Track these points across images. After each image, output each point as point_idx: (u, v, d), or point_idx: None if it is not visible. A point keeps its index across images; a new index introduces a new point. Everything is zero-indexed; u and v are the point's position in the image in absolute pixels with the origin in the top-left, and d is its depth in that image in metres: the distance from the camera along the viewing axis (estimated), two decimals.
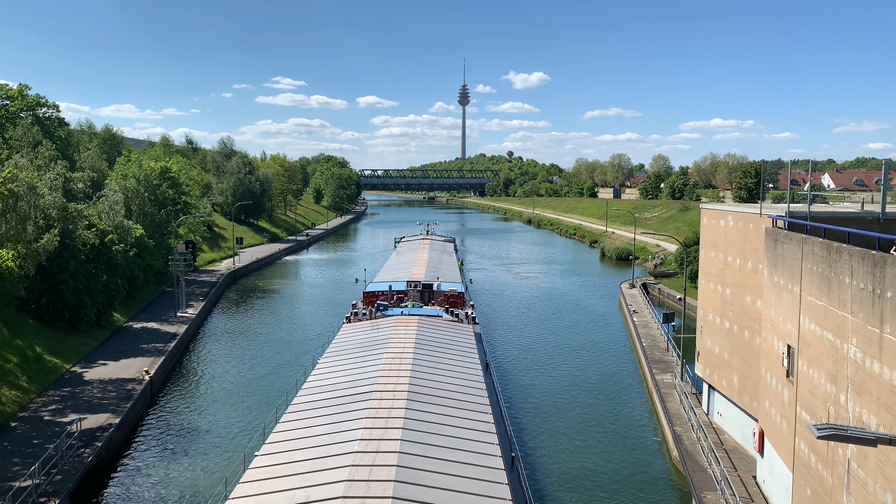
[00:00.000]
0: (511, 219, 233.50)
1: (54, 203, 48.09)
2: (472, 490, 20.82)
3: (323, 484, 20.46)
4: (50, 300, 49.49)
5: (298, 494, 20.04)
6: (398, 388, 29.05)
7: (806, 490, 22.76)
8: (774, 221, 28.43)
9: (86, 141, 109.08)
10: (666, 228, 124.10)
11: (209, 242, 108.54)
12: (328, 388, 30.88)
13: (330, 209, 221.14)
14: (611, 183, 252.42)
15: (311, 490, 20.22)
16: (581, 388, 46.26)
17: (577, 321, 67.73)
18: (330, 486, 20.24)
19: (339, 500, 19.17)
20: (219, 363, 52.17)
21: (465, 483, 21.27)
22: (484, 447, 24.46)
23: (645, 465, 34.28)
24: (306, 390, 31.31)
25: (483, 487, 21.12)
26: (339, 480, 20.44)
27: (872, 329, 18.05)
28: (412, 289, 54.29)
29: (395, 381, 29.99)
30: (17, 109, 74.00)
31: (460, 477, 21.67)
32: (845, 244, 20.19)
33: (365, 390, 29.19)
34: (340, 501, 19.13)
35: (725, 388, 35.43)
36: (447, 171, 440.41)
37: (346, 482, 20.22)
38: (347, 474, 20.77)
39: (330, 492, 19.83)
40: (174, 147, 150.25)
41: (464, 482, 21.32)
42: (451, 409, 27.77)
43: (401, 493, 19.78)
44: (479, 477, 21.85)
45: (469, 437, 25.11)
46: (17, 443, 32.66)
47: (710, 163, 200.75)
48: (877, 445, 14.42)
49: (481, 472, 22.29)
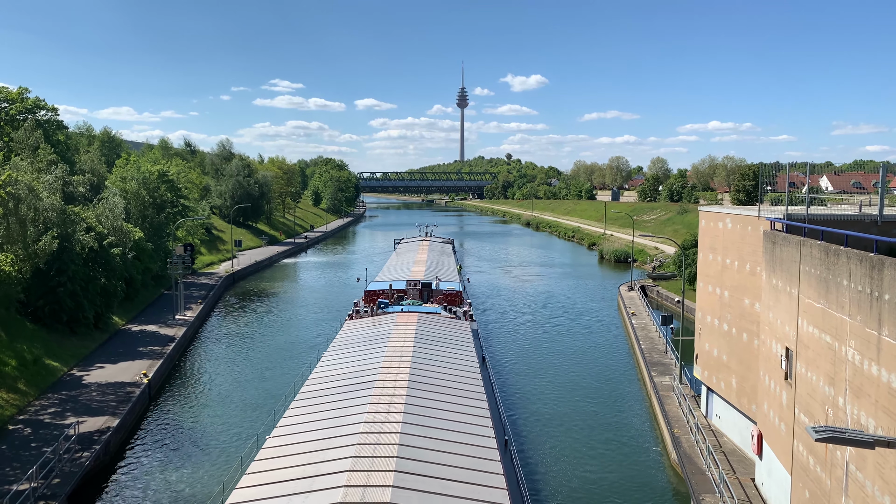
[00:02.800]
0: (510, 221, 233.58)
1: (52, 206, 48.07)
2: (468, 466, 22.61)
3: (331, 460, 22.05)
4: (48, 303, 49.42)
5: (308, 470, 21.58)
6: (399, 378, 30.47)
7: (804, 492, 22.76)
8: (772, 224, 28.46)
9: (84, 143, 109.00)
10: (664, 231, 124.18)
11: (208, 245, 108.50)
12: (334, 377, 32.52)
13: (329, 212, 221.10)
14: (609, 185, 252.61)
15: (320, 465, 21.80)
16: (578, 391, 46.23)
17: (575, 323, 67.74)
18: (338, 461, 21.80)
19: (346, 474, 20.59)
20: (217, 366, 52.10)
21: (461, 460, 23.00)
22: (479, 430, 26.02)
23: (643, 468, 34.26)
24: (313, 380, 32.92)
25: (478, 464, 22.88)
26: (345, 457, 21.99)
27: (870, 331, 18.06)
28: (412, 287, 55.65)
29: (396, 372, 31.46)
30: (17, 112, 74.00)
31: (457, 455, 23.32)
32: (843, 247, 20.21)
33: (368, 379, 30.68)
34: (347, 475, 20.52)
35: (724, 391, 35.43)
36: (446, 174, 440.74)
37: (352, 458, 21.80)
38: (353, 452, 22.34)
39: (338, 466, 21.35)
40: (173, 150, 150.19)
41: (461, 459, 23.03)
42: (448, 397, 29.32)
43: (403, 467, 21.31)
44: (475, 455, 23.56)
45: (465, 422, 26.66)
46: (14, 446, 32.59)
47: (709, 165, 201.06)
48: (875, 448, 14.43)
49: (477, 451, 23.98)
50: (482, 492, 20.80)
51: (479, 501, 20.18)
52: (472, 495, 20.45)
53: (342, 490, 19.56)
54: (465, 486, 21.04)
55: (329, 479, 20.58)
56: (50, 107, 77.33)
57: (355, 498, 19.18)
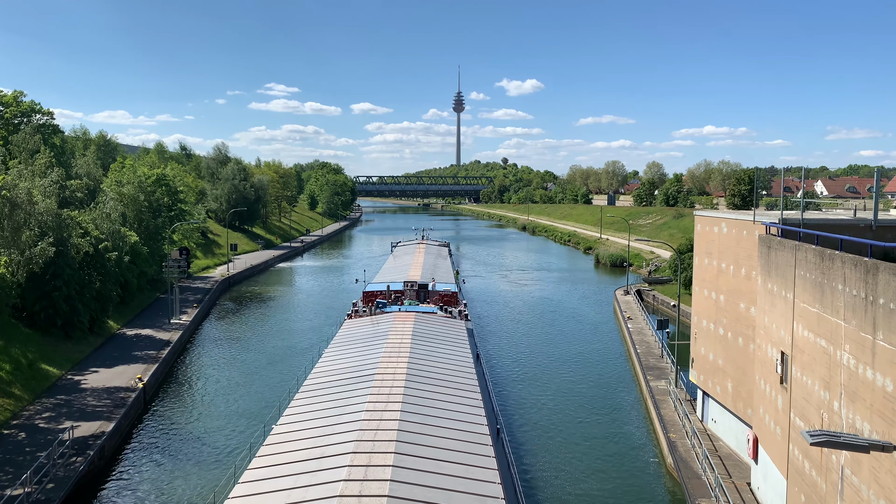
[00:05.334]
0: (506, 225, 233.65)
1: (48, 210, 47.95)
2: (462, 450, 24.38)
3: (335, 444, 23.84)
4: (42, 307, 49.28)
5: (315, 452, 23.37)
6: (397, 372, 32.01)
7: (800, 496, 22.78)
8: (768, 228, 28.54)
9: (80, 147, 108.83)
10: (660, 235, 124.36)
11: (203, 249, 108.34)
12: (335, 372, 34.07)
13: (325, 216, 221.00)
14: (605, 190, 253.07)
15: (326, 448, 23.62)
16: (573, 395, 46.20)
17: (570, 327, 67.75)
18: (342, 444, 23.68)
19: (350, 456, 22.40)
20: (212, 370, 51.98)
21: (457, 445, 24.78)
22: (473, 418, 27.82)
23: (639, 473, 34.25)
24: (316, 374, 34.36)
25: (472, 448, 24.71)
26: (348, 441, 23.81)
27: (865, 336, 18.11)
28: (409, 288, 56.51)
29: (394, 366, 32.93)
30: (12, 116, 73.86)
31: (453, 440, 25.08)
32: (838, 251, 20.28)
33: (368, 373, 32.29)
34: (350, 457, 22.32)
35: (720, 395, 35.47)
36: (442, 178, 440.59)
37: (354, 442, 23.60)
38: (356, 436, 24.11)
39: (342, 449, 23.19)
40: (168, 153, 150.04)
41: (456, 444, 24.81)
42: (444, 389, 30.94)
43: (402, 450, 23.09)
44: (469, 441, 25.33)
45: (460, 412, 28.41)
46: (8, 451, 32.45)
47: (704, 170, 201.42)
48: (870, 452, 14.47)
49: (471, 437, 25.79)
50: (475, 472, 22.76)
51: (472, 481, 22.06)
52: (466, 475, 22.39)
53: (346, 469, 21.44)
54: (460, 467, 22.93)
55: (334, 460, 22.48)
56: (46, 111, 77.25)
57: (359, 475, 21.13)
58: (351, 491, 20.12)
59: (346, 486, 20.42)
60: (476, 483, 21.88)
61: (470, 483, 21.80)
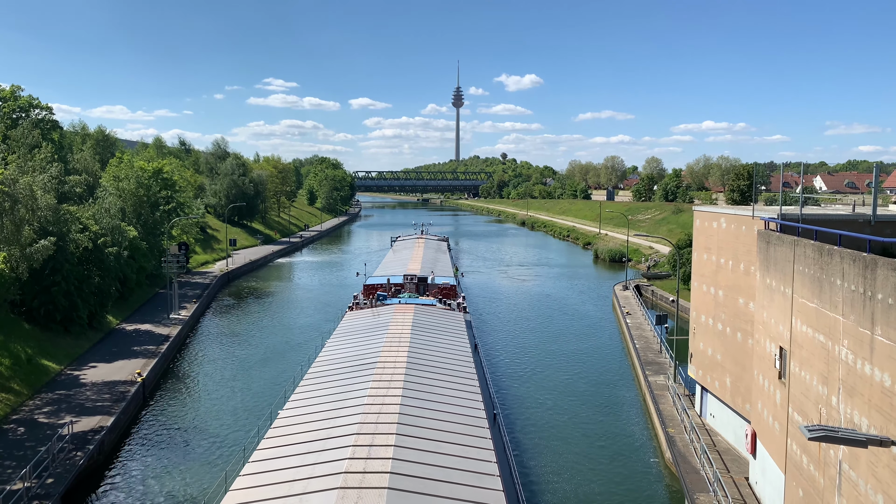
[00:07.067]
0: (505, 221, 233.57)
1: (47, 205, 47.84)
2: (461, 432, 25.40)
3: (340, 426, 24.94)
4: (42, 302, 49.26)
5: (319, 434, 24.52)
6: (398, 360, 33.06)
7: (798, 491, 22.85)
8: (767, 224, 28.56)
9: (79, 142, 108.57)
10: (659, 230, 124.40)
11: (202, 244, 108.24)
12: (338, 360, 35.15)
13: (324, 211, 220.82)
14: (604, 185, 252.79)
15: (329, 430, 24.69)
16: (571, 390, 46.28)
17: (569, 322, 67.81)
18: (346, 426, 24.74)
19: (353, 437, 23.45)
20: (211, 365, 52.02)
21: (455, 428, 25.75)
22: (471, 404, 28.91)
23: (638, 467, 34.34)
24: (319, 362, 35.45)
25: (470, 431, 25.74)
26: (352, 423, 24.89)
27: (864, 331, 18.14)
28: (408, 282, 57.69)
29: (395, 355, 34.01)
30: (10, 111, 73.67)
31: (452, 423, 26.05)
32: (837, 246, 20.29)
33: (370, 361, 33.41)
34: (354, 437, 23.43)
35: (718, 390, 35.53)
36: (441, 173, 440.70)
37: (357, 424, 24.70)
38: (359, 419, 25.17)
39: (345, 430, 24.27)
40: (167, 148, 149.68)
41: (455, 427, 25.78)
42: (443, 377, 32.06)
43: (402, 431, 24.15)
44: (467, 424, 26.37)
45: (458, 397, 29.53)
46: (8, 445, 32.49)
47: (703, 165, 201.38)
48: (868, 447, 14.49)
49: (469, 420, 26.82)
50: (473, 452, 23.84)
51: (470, 460, 23.10)
52: (464, 455, 23.50)
53: (350, 449, 22.51)
54: (459, 447, 24.06)
55: (338, 440, 23.60)
56: (44, 105, 77.07)
57: (362, 454, 22.09)
58: (355, 468, 21.15)
59: (350, 463, 21.44)
60: (474, 462, 22.97)
61: (468, 462, 22.91)
